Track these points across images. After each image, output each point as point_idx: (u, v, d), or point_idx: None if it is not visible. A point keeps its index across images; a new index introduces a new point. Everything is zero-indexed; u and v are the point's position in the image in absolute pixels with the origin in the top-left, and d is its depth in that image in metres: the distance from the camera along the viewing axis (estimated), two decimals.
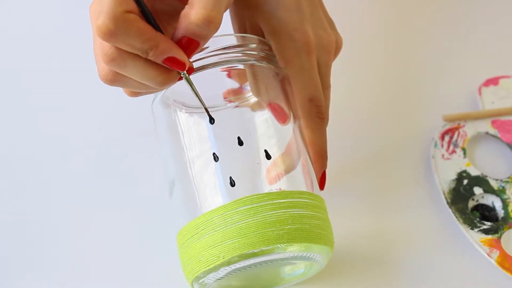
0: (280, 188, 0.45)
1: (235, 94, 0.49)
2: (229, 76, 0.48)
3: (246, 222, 0.43)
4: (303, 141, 0.49)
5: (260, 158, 0.46)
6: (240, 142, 0.46)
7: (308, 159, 0.48)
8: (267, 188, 0.46)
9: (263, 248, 0.42)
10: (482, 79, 0.65)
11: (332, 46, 0.50)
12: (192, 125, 0.47)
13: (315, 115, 0.48)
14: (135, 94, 0.45)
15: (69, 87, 0.65)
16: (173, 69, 0.41)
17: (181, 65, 0.40)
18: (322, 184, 0.49)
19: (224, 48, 0.46)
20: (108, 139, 0.61)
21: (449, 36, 0.70)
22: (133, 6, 0.39)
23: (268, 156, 0.46)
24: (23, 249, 0.55)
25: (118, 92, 0.64)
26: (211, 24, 0.40)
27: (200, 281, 0.45)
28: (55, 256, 0.54)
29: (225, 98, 0.48)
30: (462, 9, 0.73)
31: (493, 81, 0.65)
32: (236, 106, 0.48)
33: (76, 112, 0.64)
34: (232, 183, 0.44)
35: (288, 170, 0.47)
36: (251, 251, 0.42)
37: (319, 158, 0.49)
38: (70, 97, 0.65)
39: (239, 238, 0.42)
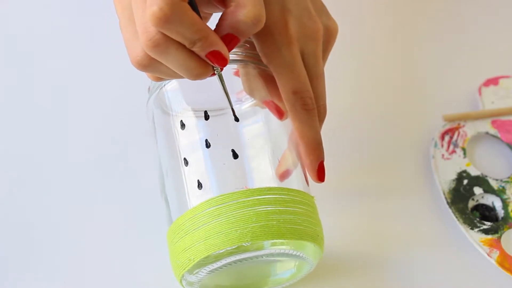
0: (246, 187, 0.45)
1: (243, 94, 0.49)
2: (237, 75, 0.48)
3: (211, 224, 0.43)
4: (291, 137, 0.48)
5: (226, 158, 0.45)
6: (208, 145, 0.46)
7: (291, 153, 0.48)
8: (234, 188, 0.45)
9: (228, 249, 0.42)
10: (482, 79, 0.65)
11: (319, 34, 0.48)
12: (173, 129, 0.47)
13: (301, 107, 0.47)
14: (160, 79, 0.45)
15: (68, 86, 0.65)
16: (213, 63, 0.41)
17: (223, 60, 0.41)
18: (321, 176, 0.48)
19: None
20: (108, 139, 0.61)
21: (449, 36, 0.70)
22: None
23: (235, 156, 0.45)
24: (23, 249, 0.55)
25: (118, 91, 0.64)
26: (259, 23, 0.41)
27: (185, 282, 0.46)
28: (55, 256, 0.54)
29: (238, 98, 0.48)
30: (462, 9, 0.73)
31: (493, 81, 0.65)
32: (247, 106, 0.48)
33: (76, 112, 0.64)
34: (200, 186, 0.45)
35: (294, 166, 0.47)
36: (216, 252, 0.43)
37: (313, 149, 0.48)
38: (70, 96, 0.65)
39: (205, 240, 0.43)
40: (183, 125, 0.46)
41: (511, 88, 0.64)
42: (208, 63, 0.41)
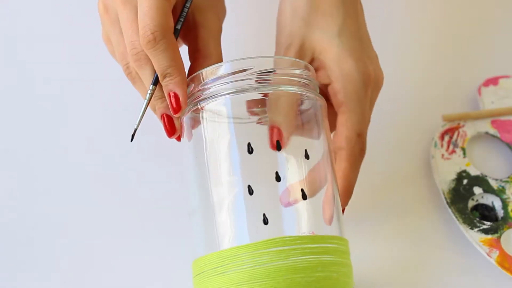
0: (313, 232, 0.44)
1: (259, 106, 0.45)
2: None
3: (276, 265, 0.41)
4: (333, 173, 0.46)
5: (295, 197, 0.43)
6: (278, 178, 0.43)
7: (335, 191, 0.45)
8: (300, 230, 0.44)
9: None
10: (482, 79, 0.65)
11: (382, 83, 0.50)
12: (234, 149, 0.44)
13: (359, 151, 0.48)
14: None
15: (69, 86, 0.65)
16: (171, 104, 0.43)
17: (178, 106, 0.43)
18: None
19: (268, 72, 0.43)
20: (107, 141, 0.61)
21: (449, 36, 0.70)
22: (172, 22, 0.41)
23: (304, 196, 0.43)
24: (23, 249, 0.55)
25: (119, 92, 0.64)
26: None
27: None
28: (55, 256, 0.54)
29: (248, 108, 0.45)
30: (462, 9, 0.73)
31: (493, 81, 0.65)
32: (259, 122, 0.45)
33: (76, 113, 0.64)
34: (266, 221, 0.42)
35: (301, 198, 0.45)
36: None
37: (348, 194, 0.48)
38: (71, 96, 0.65)
39: (268, 280, 0.41)
40: (251, 150, 0.43)
41: (511, 88, 0.64)
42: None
